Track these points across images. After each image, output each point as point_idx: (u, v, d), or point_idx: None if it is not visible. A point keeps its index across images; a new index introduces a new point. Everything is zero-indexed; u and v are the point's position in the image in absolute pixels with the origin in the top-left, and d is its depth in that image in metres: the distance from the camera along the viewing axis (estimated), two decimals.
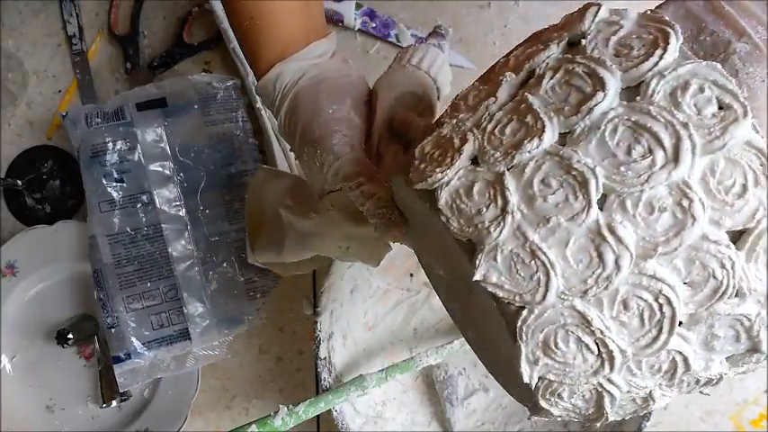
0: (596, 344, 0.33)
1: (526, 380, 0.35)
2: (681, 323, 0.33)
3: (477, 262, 0.33)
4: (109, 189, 0.66)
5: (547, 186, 0.32)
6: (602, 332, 0.32)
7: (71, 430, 0.70)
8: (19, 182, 0.72)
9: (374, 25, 0.72)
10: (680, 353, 0.33)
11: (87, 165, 0.66)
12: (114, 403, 0.68)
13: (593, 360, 0.33)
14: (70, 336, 0.66)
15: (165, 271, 0.67)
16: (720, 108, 0.32)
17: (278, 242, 0.56)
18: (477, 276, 0.33)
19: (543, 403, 0.36)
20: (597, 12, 0.35)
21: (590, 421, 0.37)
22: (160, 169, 0.67)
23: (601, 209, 0.32)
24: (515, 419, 0.67)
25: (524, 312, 0.33)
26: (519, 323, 0.34)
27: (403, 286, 0.69)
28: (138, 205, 0.67)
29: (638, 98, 0.32)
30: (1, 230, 0.73)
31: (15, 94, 0.74)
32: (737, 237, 0.32)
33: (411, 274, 0.69)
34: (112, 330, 0.65)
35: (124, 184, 0.66)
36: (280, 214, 0.55)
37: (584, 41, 0.35)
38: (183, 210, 0.68)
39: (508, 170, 0.33)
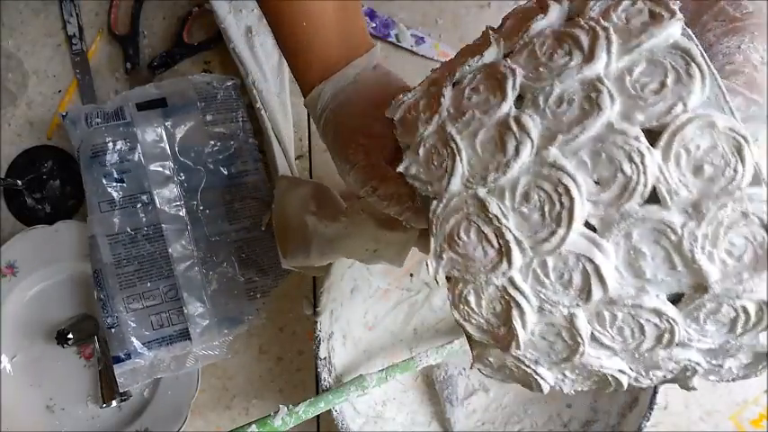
0: (495, 235, 0.32)
1: (431, 273, 0.35)
2: (594, 229, 0.31)
3: (404, 156, 0.36)
4: (109, 189, 0.66)
5: (475, 91, 0.34)
6: (498, 220, 0.32)
7: (71, 430, 0.70)
8: (19, 182, 0.72)
9: (374, 25, 0.72)
10: (590, 260, 0.31)
11: (87, 165, 0.66)
12: (114, 403, 0.68)
13: (493, 254, 0.33)
14: (70, 336, 0.66)
15: (165, 271, 0.67)
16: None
17: (305, 248, 0.57)
18: (400, 168, 0.36)
19: (457, 316, 0.35)
20: None
21: (504, 348, 0.35)
22: (160, 169, 0.67)
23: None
24: (515, 419, 0.67)
25: (434, 203, 0.34)
26: (430, 215, 0.34)
27: (403, 286, 0.69)
28: (138, 205, 0.67)
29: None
30: (1, 230, 0.73)
31: (15, 94, 0.74)
32: (656, 136, 0.30)
33: (411, 274, 0.69)
34: (112, 330, 0.65)
35: (124, 184, 0.66)
36: (305, 221, 0.56)
37: None
38: (183, 210, 0.68)
39: (452, 85, 0.36)
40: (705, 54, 0.30)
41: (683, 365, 0.34)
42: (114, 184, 0.66)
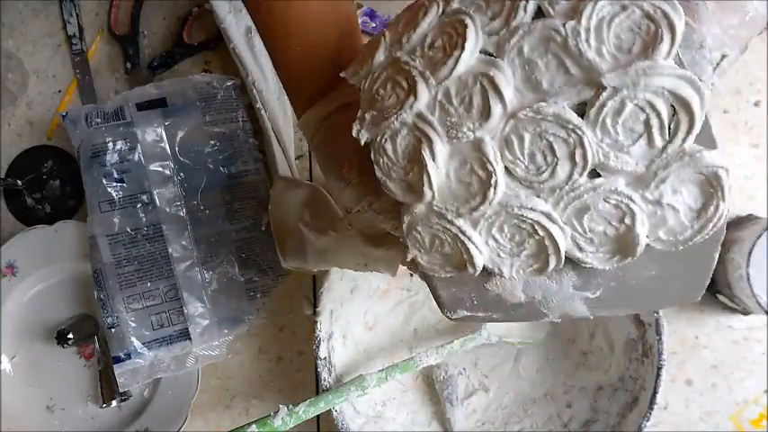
0: (405, 78, 0.35)
1: (354, 134, 0.37)
2: (492, 54, 0.33)
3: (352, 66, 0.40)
4: (109, 189, 0.66)
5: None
6: (407, 64, 0.35)
7: (71, 430, 0.70)
8: (19, 182, 0.72)
9: (374, 25, 0.72)
10: (485, 75, 0.33)
11: (87, 165, 0.66)
12: (114, 403, 0.68)
13: (403, 95, 0.35)
14: (70, 336, 0.66)
15: (165, 271, 0.67)
16: None
17: (301, 253, 0.58)
18: (342, 73, 0.40)
19: (380, 174, 0.37)
20: None
21: (419, 194, 0.35)
22: (160, 169, 0.67)
23: None
24: (515, 419, 0.67)
25: (362, 82, 0.38)
26: (361, 93, 0.38)
27: (403, 286, 0.69)
28: (138, 205, 0.67)
29: None
30: (1, 230, 0.73)
31: (15, 94, 0.74)
32: None
33: (411, 274, 0.69)
34: (112, 330, 0.65)
35: (124, 184, 0.66)
36: (300, 228, 0.57)
37: None
38: (183, 210, 0.68)
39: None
40: None
41: (616, 205, 0.33)
42: (114, 184, 0.66)
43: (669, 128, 0.31)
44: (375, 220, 0.43)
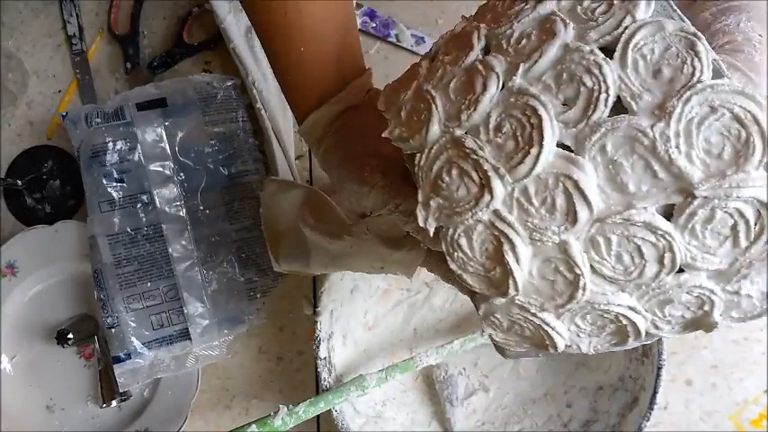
0: (474, 169, 0.33)
1: (421, 223, 0.35)
2: (571, 150, 0.31)
3: (389, 125, 0.37)
4: (109, 189, 0.66)
5: (447, 54, 0.36)
6: (475, 153, 0.32)
7: (71, 430, 0.70)
8: (19, 182, 0.72)
9: (374, 25, 0.72)
10: (569, 177, 0.31)
11: (87, 165, 0.66)
12: (114, 403, 0.68)
13: (475, 189, 0.33)
14: (70, 336, 0.66)
15: (165, 271, 0.67)
16: None
17: (303, 257, 0.56)
18: (385, 134, 0.37)
19: (454, 267, 0.35)
20: None
21: (503, 292, 0.34)
22: (160, 169, 0.67)
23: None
24: (515, 419, 0.67)
25: (417, 156, 0.35)
26: (415, 169, 0.35)
27: (403, 286, 0.69)
28: (138, 205, 0.67)
29: None
30: (1, 230, 0.73)
31: (15, 94, 0.74)
32: (612, 52, 0.32)
33: None
34: (112, 330, 0.65)
35: (124, 184, 0.66)
36: (301, 231, 0.56)
37: None
38: (183, 210, 0.68)
39: (429, 59, 0.38)
40: None
41: (698, 296, 0.33)
42: (114, 184, 0.66)
43: (754, 228, 0.31)
44: (400, 221, 0.42)
